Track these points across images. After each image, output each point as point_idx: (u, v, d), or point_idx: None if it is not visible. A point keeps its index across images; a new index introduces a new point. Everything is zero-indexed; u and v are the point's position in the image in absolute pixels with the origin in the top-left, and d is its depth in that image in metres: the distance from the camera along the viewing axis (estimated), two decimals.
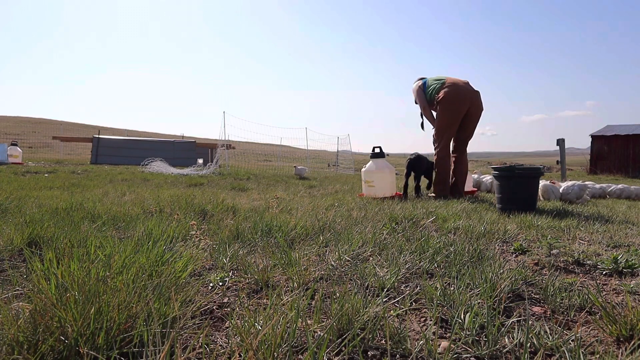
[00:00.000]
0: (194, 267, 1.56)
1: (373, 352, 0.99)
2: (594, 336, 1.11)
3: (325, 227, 2.42)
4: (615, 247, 2.24)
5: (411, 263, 1.69)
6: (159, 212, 2.87)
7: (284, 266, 1.61)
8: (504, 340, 1.05)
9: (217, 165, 10.90)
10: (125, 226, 2.29)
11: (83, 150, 24.19)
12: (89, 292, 0.99)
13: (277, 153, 16.80)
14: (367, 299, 1.23)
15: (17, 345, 0.87)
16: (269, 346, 0.90)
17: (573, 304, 1.31)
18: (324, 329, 1.05)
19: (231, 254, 1.76)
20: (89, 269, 1.20)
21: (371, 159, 4.92)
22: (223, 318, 1.19)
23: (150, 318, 0.99)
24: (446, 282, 1.49)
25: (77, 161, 15.30)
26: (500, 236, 2.39)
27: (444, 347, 1.00)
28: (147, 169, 10.44)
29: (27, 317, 0.94)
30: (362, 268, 1.59)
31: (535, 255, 1.99)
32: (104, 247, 1.57)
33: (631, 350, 0.97)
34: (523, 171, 3.71)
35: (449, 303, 1.26)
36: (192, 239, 2.00)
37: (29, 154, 19.93)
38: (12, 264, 1.62)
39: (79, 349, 0.88)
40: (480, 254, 1.85)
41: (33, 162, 12.76)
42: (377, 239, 2.11)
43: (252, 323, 1.02)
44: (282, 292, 1.34)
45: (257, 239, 2.10)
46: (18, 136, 29.29)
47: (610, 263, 1.75)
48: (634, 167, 20.45)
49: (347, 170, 16.43)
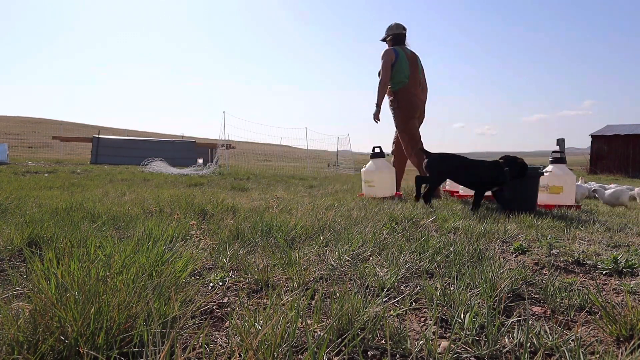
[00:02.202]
0: (194, 267, 1.56)
1: (373, 352, 0.99)
2: (594, 336, 1.11)
3: (325, 227, 2.42)
4: (615, 247, 2.24)
5: (411, 263, 1.69)
6: (159, 212, 2.88)
7: (284, 266, 1.61)
8: (504, 340, 1.05)
9: (217, 165, 10.90)
10: (125, 226, 2.29)
11: (83, 150, 24.18)
12: (89, 292, 0.99)
13: (277, 153, 16.81)
14: (367, 299, 1.23)
15: (17, 345, 0.87)
16: (269, 346, 0.90)
17: (573, 303, 1.31)
18: (324, 329, 1.05)
19: (231, 254, 1.76)
20: (89, 268, 1.20)
21: (371, 159, 4.91)
22: (223, 318, 1.19)
23: (150, 318, 0.99)
24: (446, 282, 1.50)
25: (77, 161, 15.30)
26: (500, 236, 2.39)
27: (444, 347, 1.00)
28: (147, 168, 10.44)
29: (27, 317, 0.94)
30: (362, 268, 1.59)
31: (535, 255, 1.99)
32: (104, 247, 1.57)
33: (631, 350, 0.97)
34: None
35: (449, 303, 1.26)
36: (192, 238, 2.00)
37: (29, 154, 19.93)
38: (12, 264, 1.62)
39: (79, 349, 0.88)
40: (480, 254, 1.85)
41: (33, 162, 12.76)
42: (377, 238, 2.11)
43: (252, 323, 1.02)
44: (282, 292, 1.34)
45: (257, 238, 2.10)
46: (18, 136, 29.30)
47: (610, 263, 1.75)
48: (634, 167, 20.45)
49: (347, 170, 16.43)
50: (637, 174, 19.72)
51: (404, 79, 4.92)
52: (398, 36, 5.05)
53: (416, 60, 5.04)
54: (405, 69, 4.91)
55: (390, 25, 5.13)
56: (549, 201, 4.17)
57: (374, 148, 4.94)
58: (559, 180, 4.14)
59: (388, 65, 4.88)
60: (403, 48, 5.02)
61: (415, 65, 4.99)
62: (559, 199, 4.15)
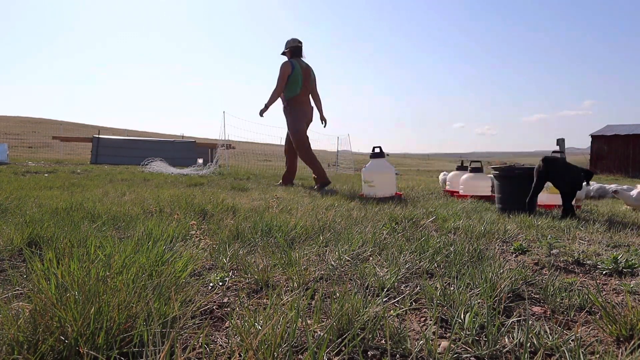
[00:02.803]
0: (194, 267, 1.56)
1: (373, 352, 0.99)
2: (594, 336, 1.11)
3: (325, 227, 2.42)
4: (615, 247, 2.24)
5: (411, 263, 1.69)
6: (159, 212, 2.87)
7: (284, 266, 1.61)
8: (504, 340, 1.05)
9: (217, 165, 10.90)
10: (125, 226, 2.29)
11: (83, 150, 24.17)
12: (89, 292, 0.99)
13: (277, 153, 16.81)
14: (367, 299, 1.23)
15: (17, 345, 0.87)
16: (269, 346, 0.90)
17: (573, 303, 1.31)
18: (324, 329, 1.05)
19: (231, 254, 1.76)
20: (89, 268, 1.20)
21: (371, 159, 4.92)
22: (223, 318, 1.19)
23: (150, 318, 0.99)
24: (446, 282, 1.50)
25: (77, 161, 15.30)
26: (500, 236, 2.39)
27: (444, 347, 1.00)
28: (147, 168, 10.44)
29: (27, 317, 0.94)
30: (362, 268, 1.59)
31: (535, 255, 1.99)
32: (104, 247, 1.57)
33: (631, 350, 0.97)
34: (523, 171, 3.71)
35: (449, 303, 1.26)
36: (192, 238, 2.00)
37: (29, 154, 19.92)
38: (12, 264, 1.62)
39: (79, 348, 0.88)
40: (480, 254, 1.85)
41: (33, 162, 12.76)
42: (377, 238, 2.11)
43: (252, 323, 1.02)
44: (282, 292, 1.34)
45: (257, 238, 2.10)
46: (18, 136, 29.29)
47: (610, 263, 1.75)
48: (634, 167, 20.45)
49: (347, 170, 16.43)
50: (637, 174, 19.72)
51: (297, 89, 5.75)
52: (295, 49, 5.87)
53: (309, 72, 5.91)
54: (299, 81, 5.73)
55: (288, 40, 5.94)
56: (549, 201, 4.17)
57: (374, 148, 4.94)
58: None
59: (284, 77, 5.70)
60: (299, 61, 5.84)
61: (307, 77, 5.86)
62: (559, 199, 4.15)
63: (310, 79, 5.92)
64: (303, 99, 5.85)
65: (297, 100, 5.79)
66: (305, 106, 5.89)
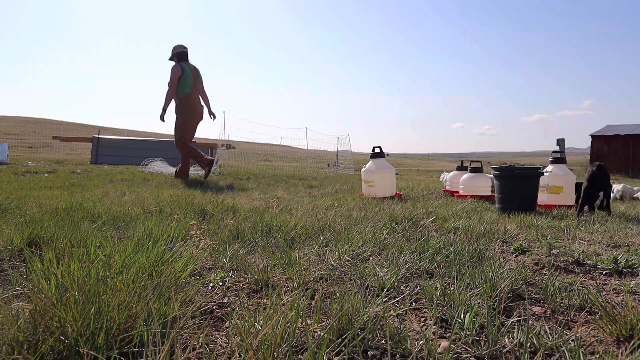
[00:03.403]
0: (194, 267, 1.56)
1: (373, 352, 0.99)
2: (594, 336, 1.11)
3: (325, 227, 2.42)
4: (615, 247, 2.24)
5: (411, 263, 1.69)
6: (159, 212, 2.87)
7: (284, 266, 1.61)
8: (504, 340, 1.05)
9: (217, 165, 10.90)
10: (125, 226, 2.29)
11: (83, 150, 24.16)
12: (89, 292, 0.99)
13: (277, 153, 16.80)
14: (367, 299, 1.23)
15: (17, 345, 0.87)
16: (269, 346, 0.90)
17: (573, 303, 1.31)
18: (324, 329, 1.05)
19: (231, 254, 1.76)
20: (89, 269, 1.20)
21: (371, 159, 4.92)
22: (223, 318, 1.19)
23: (150, 318, 0.99)
24: (446, 282, 1.50)
25: (77, 161, 15.29)
26: (500, 236, 2.39)
27: (444, 347, 1.00)
28: (147, 169, 10.43)
29: (27, 317, 0.94)
30: (362, 268, 1.59)
31: (535, 255, 1.99)
32: (104, 247, 1.57)
33: (631, 350, 0.97)
34: (523, 171, 3.72)
35: (449, 303, 1.26)
36: (192, 238, 2.00)
37: (29, 154, 19.93)
38: (12, 264, 1.62)
39: (79, 348, 0.88)
40: (480, 254, 1.85)
41: (33, 162, 12.76)
42: (377, 239, 2.11)
43: (252, 323, 1.02)
44: (282, 292, 1.34)
45: (257, 238, 2.10)
46: (18, 136, 29.29)
47: (610, 263, 1.75)
48: (634, 167, 20.44)
49: (347, 170, 16.43)
50: (637, 174, 19.71)
51: (188, 89, 6.16)
52: (181, 54, 6.27)
53: (197, 73, 6.35)
54: (189, 81, 6.15)
55: (175, 46, 6.34)
56: (549, 201, 4.17)
57: (374, 148, 4.94)
58: (559, 180, 4.14)
59: (176, 79, 6.09)
60: (187, 63, 6.24)
61: (197, 77, 6.29)
62: (559, 199, 4.16)
63: (199, 79, 6.36)
64: (194, 98, 6.29)
65: (188, 99, 6.20)
66: (196, 104, 6.36)
